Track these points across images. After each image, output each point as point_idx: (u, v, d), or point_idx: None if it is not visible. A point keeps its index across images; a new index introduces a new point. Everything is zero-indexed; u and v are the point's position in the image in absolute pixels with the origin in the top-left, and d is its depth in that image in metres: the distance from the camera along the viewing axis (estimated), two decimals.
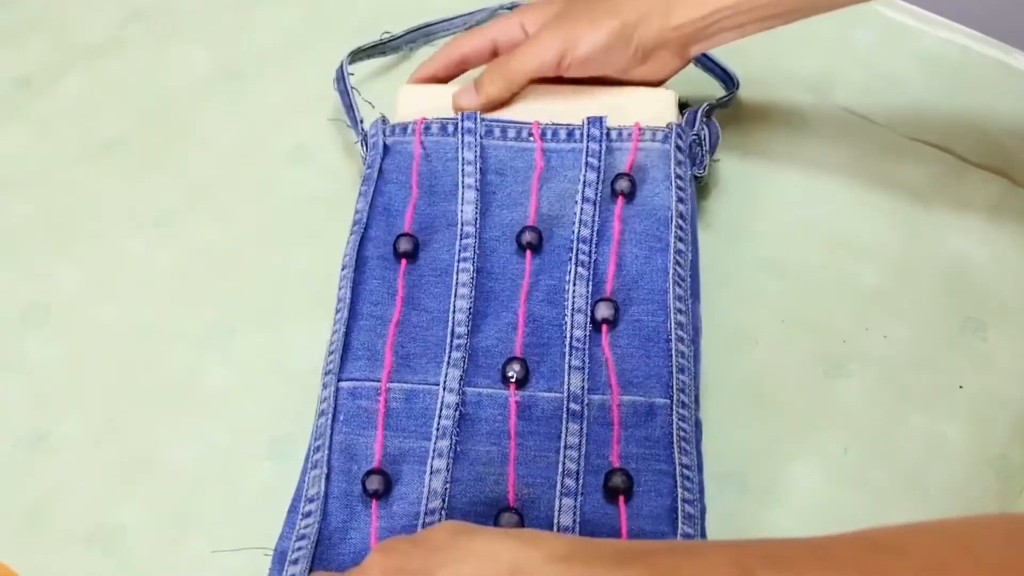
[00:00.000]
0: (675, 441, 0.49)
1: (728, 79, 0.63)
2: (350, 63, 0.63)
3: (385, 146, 0.57)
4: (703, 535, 0.48)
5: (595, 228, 0.54)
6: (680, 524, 0.47)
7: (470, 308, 0.53)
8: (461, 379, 0.50)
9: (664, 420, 0.49)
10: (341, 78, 0.62)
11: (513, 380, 0.50)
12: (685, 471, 0.48)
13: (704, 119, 0.59)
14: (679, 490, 0.48)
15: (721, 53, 0.63)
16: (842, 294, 0.57)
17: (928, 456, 0.53)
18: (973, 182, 0.60)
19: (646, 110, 0.58)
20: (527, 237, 0.54)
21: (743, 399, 0.54)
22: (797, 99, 0.64)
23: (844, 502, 0.52)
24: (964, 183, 0.60)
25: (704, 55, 0.63)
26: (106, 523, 0.53)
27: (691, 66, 0.62)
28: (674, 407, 0.50)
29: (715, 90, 0.63)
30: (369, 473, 0.48)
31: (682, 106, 0.61)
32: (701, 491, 0.49)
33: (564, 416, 0.49)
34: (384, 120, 0.59)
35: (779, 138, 0.62)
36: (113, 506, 0.53)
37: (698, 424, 0.51)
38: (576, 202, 0.55)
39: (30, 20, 0.71)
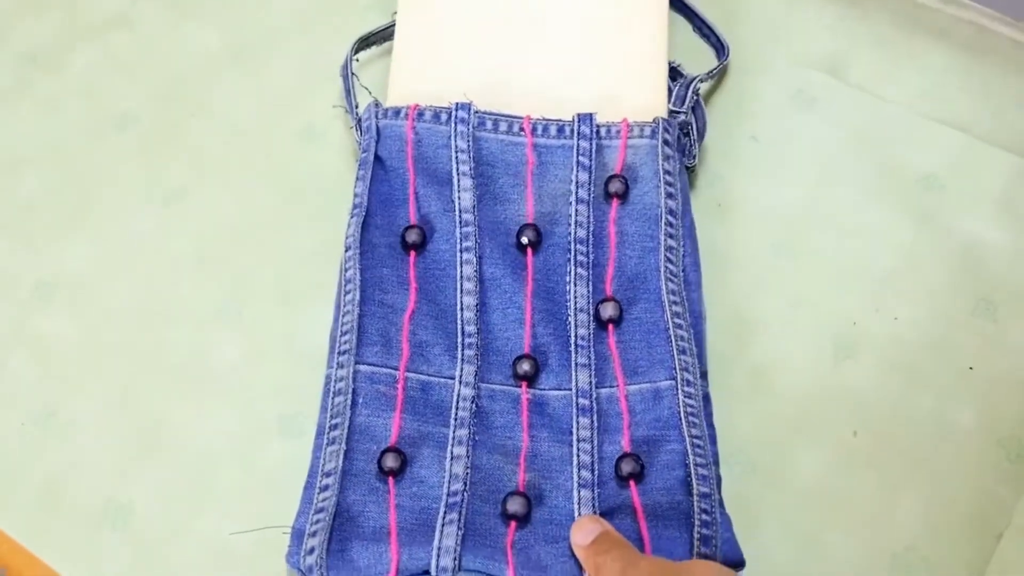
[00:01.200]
0: (683, 416, 0.50)
1: (720, 47, 0.63)
2: (356, 51, 0.63)
3: (378, 130, 0.57)
4: (720, 502, 0.49)
5: (591, 229, 0.55)
6: (696, 485, 0.48)
7: (477, 304, 0.53)
8: (476, 374, 0.52)
9: (671, 400, 0.50)
10: (347, 65, 0.62)
11: (524, 377, 0.52)
12: (696, 440, 0.49)
13: (695, 97, 0.59)
14: (691, 457, 0.49)
15: (730, 32, 0.63)
16: (852, 275, 0.57)
17: (938, 438, 0.52)
18: (987, 161, 0.60)
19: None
20: (527, 235, 0.55)
21: (752, 381, 0.54)
22: (809, 78, 0.63)
23: (853, 485, 0.52)
24: (978, 162, 0.60)
25: (702, 21, 0.64)
26: (117, 500, 0.53)
27: (682, 35, 0.63)
28: (679, 386, 0.50)
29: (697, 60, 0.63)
30: (385, 451, 0.49)
31: (673, 73, 0.61)
32: (716, 461, 0.50)
33: (575, 412, 0.51)
34: (377, 104, 0.59)
35: (791, 117, 0.62)
36: (124, 483, 0.54)
37: (707, 398, 0.52)
38: (570, 203, 0.55)
39: None
